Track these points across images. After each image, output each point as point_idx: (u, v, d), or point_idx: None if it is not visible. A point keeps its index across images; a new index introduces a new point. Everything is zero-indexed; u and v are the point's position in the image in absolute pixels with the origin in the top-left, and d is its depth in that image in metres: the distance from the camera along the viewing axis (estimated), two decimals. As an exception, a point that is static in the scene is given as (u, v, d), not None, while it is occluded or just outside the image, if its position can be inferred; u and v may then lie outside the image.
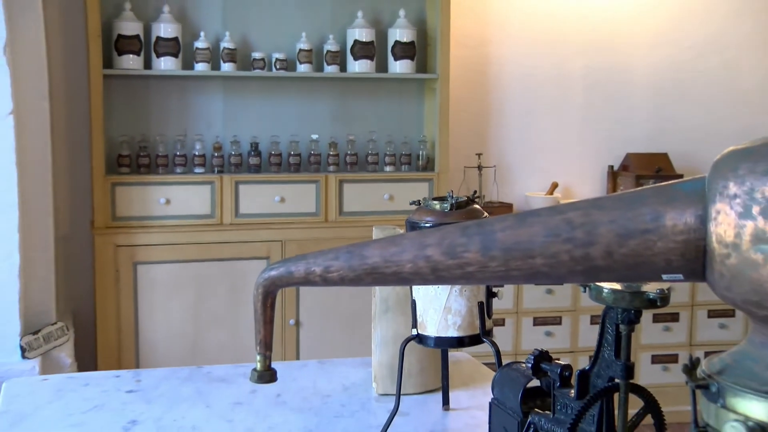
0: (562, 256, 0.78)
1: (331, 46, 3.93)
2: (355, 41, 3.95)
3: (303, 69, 3.91)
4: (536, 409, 1.09)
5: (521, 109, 4.53)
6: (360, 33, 3.95)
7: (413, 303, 1.44)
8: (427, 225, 1.34)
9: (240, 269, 3.75)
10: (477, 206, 1.38)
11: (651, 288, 0.92)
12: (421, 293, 1.42)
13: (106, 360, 3.63)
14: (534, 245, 0.80)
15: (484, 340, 1.42)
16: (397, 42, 3.99)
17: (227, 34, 3.84)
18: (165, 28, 3.74)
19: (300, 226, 3.84)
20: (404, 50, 3.99)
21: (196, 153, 3.82)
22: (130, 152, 3.79)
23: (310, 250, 1.03)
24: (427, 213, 1.37)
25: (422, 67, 4.12)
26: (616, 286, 0.93)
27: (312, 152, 3.96)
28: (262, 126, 4.02)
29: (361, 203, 3.92)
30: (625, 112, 4.64)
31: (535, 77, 4.52)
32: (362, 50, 3.95)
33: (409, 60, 4.01)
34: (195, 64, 3.81)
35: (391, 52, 4.01)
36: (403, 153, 4.07)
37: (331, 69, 3.94)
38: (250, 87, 4.03)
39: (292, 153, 3.93)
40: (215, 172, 3.83)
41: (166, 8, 3.77)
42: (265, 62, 3.88)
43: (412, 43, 4.01)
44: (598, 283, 0.94)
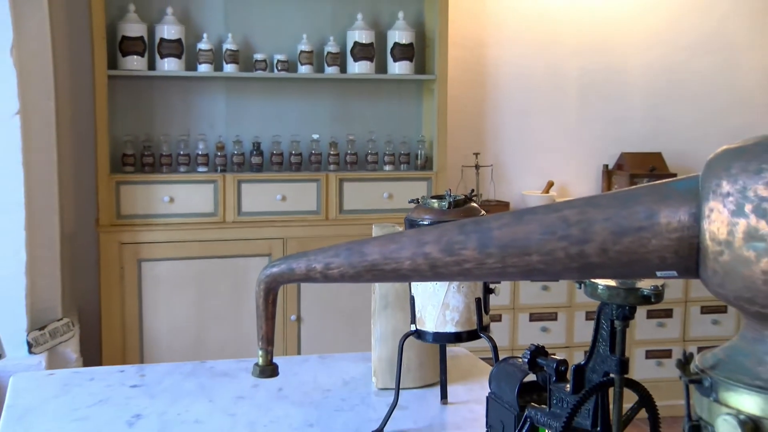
0: (558, 253, 0.78)
1: (331, 47, 3.93)
2: (355, 43, 3.95)
3: (304, 70, 3.91)
4: (533, 403, 1.09)
5: (518, 109, 4.52)
6: (360, 35, 3.94)
7: (412, 299, 1.44)
8: (426, 223, 1.34)
9: (242, 266, 3.75)
10: (474, 204, 1.38)
11: (645, 285, 0.92)
12: (420, 290, 1.42)
13: (111, 355, 3.63)
14: (530, 242, 0.80)
15: (482, 335, 1.42)
16: (396, 44, 3.99)
17: (230, 35, 3.84)
18: (168, 30, 3.74)
19: (301, 224, 3.84)
20: (403, 52, 3.99)
21: (200, 152, 3.82)
22: (135, 152, 3.79)
23: (311, 247, 1.03)
24: (426, 211, 1.37)
25: (421, 69, 4.11)
26: (611, 282, 0.93)
27: (313, 152, 3.96)
28: (264, 126, 4.02)
29: (360, 201, 3.92)
30: (619, 112, 4.64)
31: (532, 78, 4.52)
32: (362, 52, 3.95)
33: (408, 61, 4.01)
34: (198, 65, 3.81)
35: (391, 53, 4.00)
36: (402, 152, 4.07)
37: (331, 70, 3.94)
38: (252, 88, 4.02)
39: (294, 152, 3.93)
40: (218, 171, 3.83)
41: (169, 10, 3.76)
42: (266, 63, 3.88)
43: (410, 44, 4.01)
44: (593, 280, 0.93)
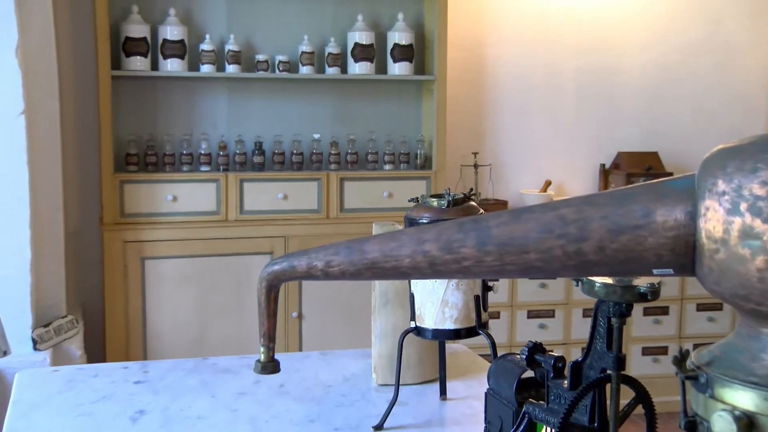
0: (556, 251, 0.78)
1: (332, 48, 3.93)
2: (356, 44, 3.94)
3: (305, 71, 3.91)
4: (530, 399, 1.09)
5: (516, 109, 4.52)
6: (360, 36, 3.94)
7: (411, 296, 1.44)
8: (425, 221, 1.34)
9: (244, 264, 3.75)
10: (473, 203, 1.38)
11: (642, 282, 0.92)
12: (419, 287, 1.42)
13: (115, 352, 3.63)
14: (528, 241, 0.80)
15: (480, 332, 1.42)
16: (396, 45, 3.99)
17: (232, 36, 3.84)
18: (171, 31, 3.73)
19: (302, 223, 3.83)
20: (403, 53, 3.99)
21: (202, 152, 3.82)
22: (138, 151, 3.79)
23: (312, 245, 1.03)
24: (425, 210, 1.37)
25: (420, 69, 4.11)
26: (608, 280, 0.93)
27: (314, 151, 3.96)
28: (265, 126, 4.01)
29: (361, 200, 3.92)
30: (616, 112, 4.64)
31: (530, 78, 4.51)
32: (362, 53, 3.95)
33: (408, 62, 4.00)
34: (201, 66, 3.81)
35: (390, 54, 4.00)
36: (402, 152, 4.07)
37: (332, 71, 3.94)
38: (254, 88, 4.02)
39: (295, 152, 3.93)
40: (220, 170, 3.83)
41: (172, 11, 3.76)
42: (268, 64, 3.88)
43: (410, 45, 4.00)
44: (590, 278, 0.93)
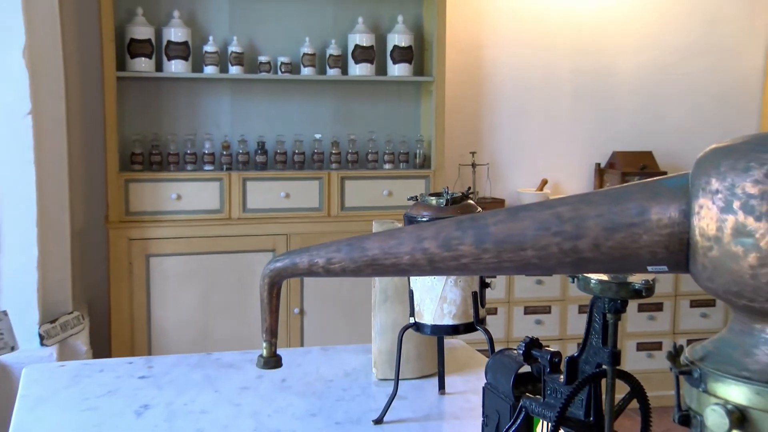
0: (552, 249, 0.78)
1: (333, 50, 3.93)
2: (356, 46, 3.94)
3: (307, 72, 3.90)
4: (527, 394, 1.09)
5: (513, 109, 4.52)
6: (360, 38, 3.94)
7: (411, 293, 1.44)
8: (424, 219, 1.34)
9: (247, 261, 3.75)
10: (471, 202, 1.38)
11: (636, 279, 0.92)
12: (419, 284, 1.42)
13: (120, 347, 3.63)
14: (525, 238, 0.79)
15: (478, 328, 1.42)
16: (395, 46, 3.98)
17: (235, 38, 3.84)
18: (175, 33, 3.73)
19: (304, 221, 3.83)
20: (402, 54, 3.99)
21: (206, 151, 3.82)
22: (143, 150, 3.79)
23: (314, 243, 1.03)
24: (424, 208, 1.37)
25: (419, 70, 4.11)
26: (604, 277, 0.92)
27: (315, 151, 3.96)
28: (268, 126, 4.01)
29: (361, 199, 3.91)
30: (611, 112, 4.64)
31: (526, 79, 4.51)
32: (363, 54, 3.94)
33: (407, 63, 4.00)
34: (204, 67, 3.80)
35: (390, 56, 4.00)
36: (402, 151, 4.07)
37: (333, 72, 3.94)
38: (256, 89, 4.02)
39: (297, 151, 3.93)
40: (224, 169, 3.82)
41: (176, 13, 3.76)
42: (270, 66, 3.87)
43: (409, 47, 4.00)
44: (586, 275, 0.93)
